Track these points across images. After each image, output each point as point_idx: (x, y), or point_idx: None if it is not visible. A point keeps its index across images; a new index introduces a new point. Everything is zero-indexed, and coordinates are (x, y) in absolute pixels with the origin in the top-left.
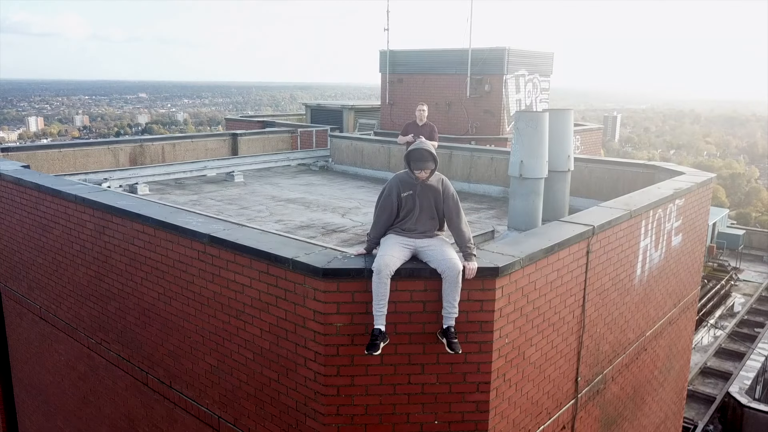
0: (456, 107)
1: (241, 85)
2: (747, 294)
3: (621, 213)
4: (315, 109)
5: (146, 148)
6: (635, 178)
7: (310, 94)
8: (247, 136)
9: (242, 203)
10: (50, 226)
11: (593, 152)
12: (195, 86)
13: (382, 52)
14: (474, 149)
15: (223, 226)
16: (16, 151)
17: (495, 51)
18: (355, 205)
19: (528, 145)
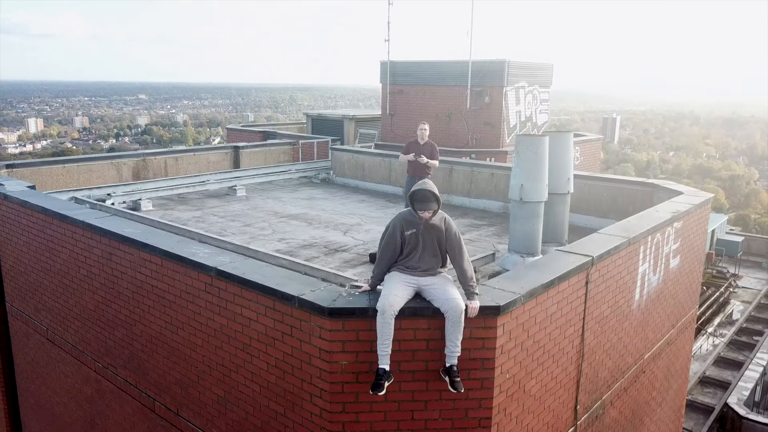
0: (456, 119)
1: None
2: (746, 301)
3: (620, 241)
4: (316, 119)
5: (149, 162)
6: (634, 196)
7: (310, 95)
8: (249, 149)
9: (245, 219)
10: (57, 249)
11: (592, 163)
12: (195, 87)
13: (383, 63)
14: (474, 164)
15: (229, 258)
16: (21, 167)
17: (495, 63)
18: (356, 222)
19: (528, 169)
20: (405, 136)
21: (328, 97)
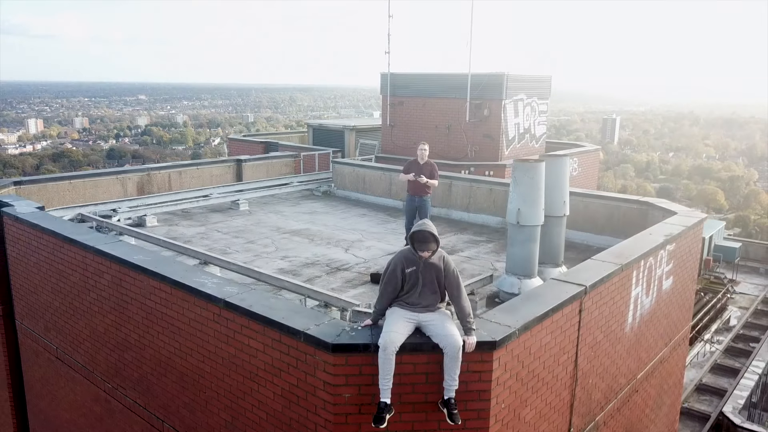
0: (455, 131)
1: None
2: (743, 307)
3: (613, 268)
4: (317, 129)
5: (153, 177)
6: (629, 213)
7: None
8: (251, 162)
9: (248, 236)
10: (67, 272)
11: (591, 174)
12: (194, 88)
13: (383, 75)
14: (473, 180)
15: (237, 289)
16: (28, 184)
17: (494, 77)
18: (357, 238)
19: (525, 193)
20: (405, 147)
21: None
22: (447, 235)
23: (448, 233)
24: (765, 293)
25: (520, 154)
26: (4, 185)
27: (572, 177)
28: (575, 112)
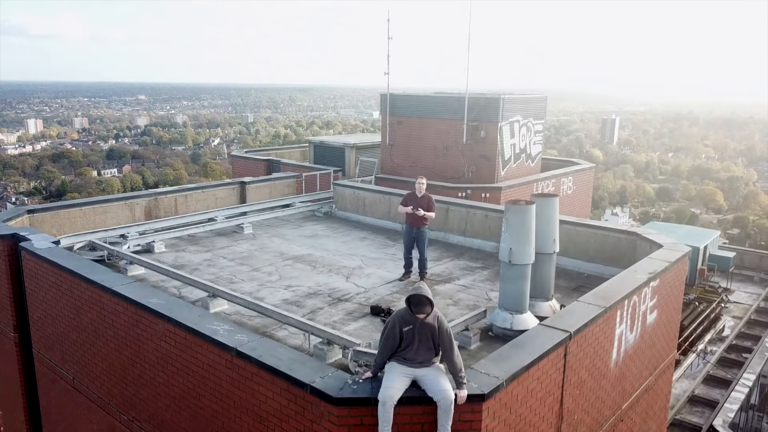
0: (453, 151)
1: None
2: (737, 317)
3: (597, 311)
4: (318, 146)
5: (160, 201)
6: (618, 243)
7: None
8: (255, 184)
9: (253, 262)
10: (84, 309)
11: (585, 192)
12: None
13: (383, 95)
14: (470, 205)
15: (247, 338)
16: (41, 212)
17: (490, 99)
18: (357, 264)
19: (516, 234)
20: (404, 166)
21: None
22: (444, 261)
23: (445, 258)
24: (758, 303)
25: (516, 175)
26: (19, 214)
27: (567, 195)
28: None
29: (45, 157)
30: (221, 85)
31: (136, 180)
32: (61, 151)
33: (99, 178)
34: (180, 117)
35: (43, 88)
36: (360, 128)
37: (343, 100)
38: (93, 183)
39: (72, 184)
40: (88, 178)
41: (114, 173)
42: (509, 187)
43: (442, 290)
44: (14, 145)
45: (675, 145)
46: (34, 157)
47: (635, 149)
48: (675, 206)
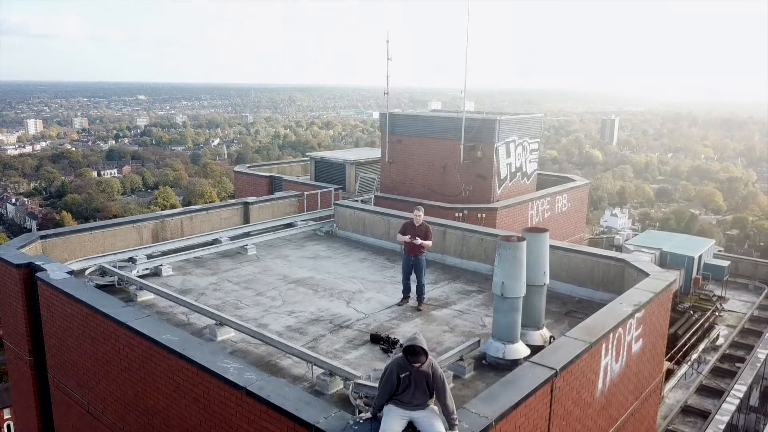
0: (450, 169)
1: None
2: (731, 325)
3: (583, 347)
4: (319, 162)
5: (167, 223)
6: (608, 269)
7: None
8: (258, 204)
9: (257, 286)
10: (99, 340)
11: (579, 208)
12: (194, 88)
13: (382, 114)
14: (466, 229)
15: (256, 376)
16: (54, 237)
17: (487, 121)
18: (358, 288)
19: (508, 269)
20: (403, 182)
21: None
22: (441, 284)
23: (442, 281)
24: (752, 311)
25: (512, 193)
26: (32, 240)
27: (562, 212)
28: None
29: (45, 158)
30: (221, 85)
31: (136, 180)
32: (61, 151)
33: (99, 178)
34: (180, 117)
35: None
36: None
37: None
38: (93, 184)
39: (72, 184)
40: (88, 179)
41: (114, 174)
42: (505, 207)
43: (439, 316)
44: (14, 146)
45: (674, 145)
46: (34, 158)
47: (635, 149)
48: (674, 207)
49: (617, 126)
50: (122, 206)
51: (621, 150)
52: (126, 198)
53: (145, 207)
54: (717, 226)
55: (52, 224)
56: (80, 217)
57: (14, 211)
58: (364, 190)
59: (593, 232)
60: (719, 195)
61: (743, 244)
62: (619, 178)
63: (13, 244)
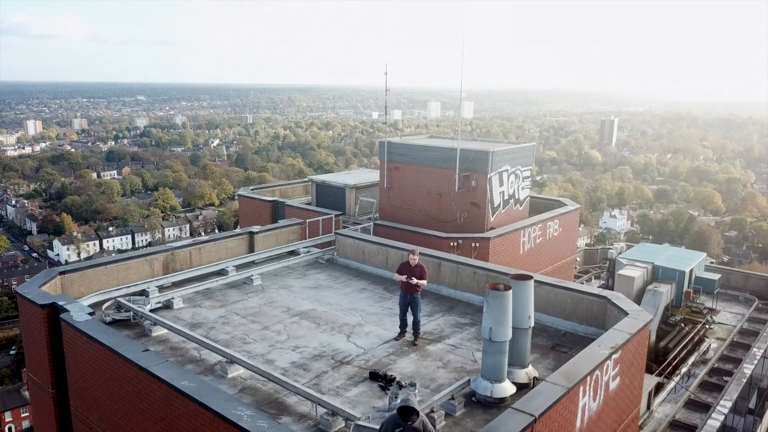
0: (446, 197)
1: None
2: (720, 338)
3: (561, 392)
4: (320, 185)
5: (176, 255)
6: (591, 304)
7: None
8: (262, 233)
9: (263, 320)
10: (121, 381)
11: (571, 233)
12: (193, 88)
13: (381, 143)
14: (460, 262)
15: (267, 424)
16: (71, 272)
17: (480, 153)
18: (357, 321)
19: (495, 315)
20: (401, 208)
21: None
22: (436, 316)
23: (437, 314)
24: (741, 324)
25: (505, 220)
26: (52, 276)
27: (553, 237)
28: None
29: (44, 159)
30: (220, 86)
31: (136, 182)
32: (61, 152)
33: (99, 180)
34: (179, 118)
35: (42, 88)
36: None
37: (342, 101)
38: (93, 185)
39: (72, 186)
40: (88, 181)
41: (114, 175)
42: (498, 236)
43: (434, 351)
44: (14, 147)
45: (673, 146)
46: (34, 159)
47: (634, 150)
48: (673, 208)
49: (616, 126)
50: (122, 208)
51: (620, 151)
52: (126, 200)
53: (145, 208)
54: (715, 228)
55: (52, 226)
56: (80, 219)
57: (14, 213)
58: (363, 213)
59: (592, 234)
60: (718, 196)
61: (742, 245)
62: (618, 179)
63: (35, 281)
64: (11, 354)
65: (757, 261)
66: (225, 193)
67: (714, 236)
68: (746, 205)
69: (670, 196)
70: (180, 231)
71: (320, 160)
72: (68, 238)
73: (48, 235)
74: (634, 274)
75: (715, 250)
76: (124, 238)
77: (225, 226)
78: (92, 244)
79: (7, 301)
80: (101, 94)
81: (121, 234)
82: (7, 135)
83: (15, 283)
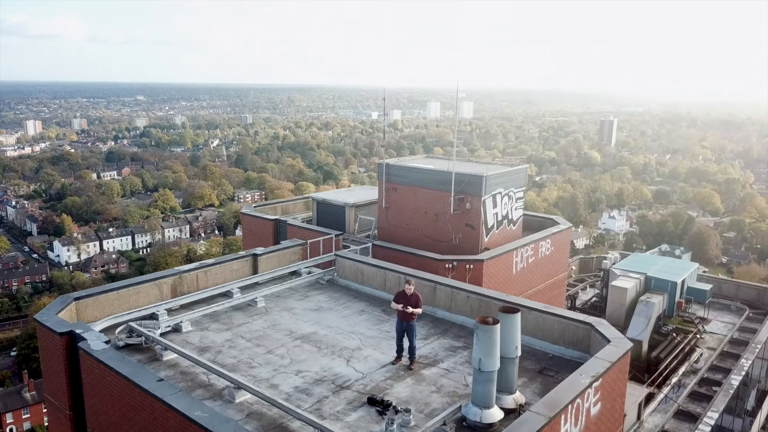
0: (442, 218)
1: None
2: (711, 347)
3: (543, 422)
4: (321, 203)
5: (184, 279)
6: (577, 330)
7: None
8: (266, 255)
9: (267, 343)
10: (138, 408)
11: (562, 252)
12: (193, 88)
13: (379, 164)
14: (454, 286)
15: None
16: (86, 298)
17: (474, 177)
18: (357, 345)
19: (485, 347)
20: (398, 227)
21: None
22: (431, 339)
23: (432, 336)
24: (731, 334)
25: (499, 240)
26: (68, 303)
27: (545, 256)
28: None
29: (44, 160)
30: (220, 86)
31: (136, 183)
32: (61, 153)
33: (99, 181)
34: (179, 118)
35: (42, 88)
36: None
37: (341, 101)
38: (93, 186)
39: (72, 187)
40: (88, 181)
41: (113, 176)
42: (491, 258)
43: (428, 375)
44: (13, 147)
45: (673, 146)
46: (34, 160)
47: (633, 151)
48: (672, 209)
49: (616, 127)
50: (122, 209)
51: (619, 151)
52: (126, 200)
53: (145, 209)
54: (714, 229)
55: (52, 227)
56: (80, 220)
57: (14, 214)
58: (362, 231)
59: (590, 235)
60: (717, 197)
61: (740, 246)
62: (617, 180)
63: (52, 308)
64: (12, 355)
65: (755, 262)
66: (225, 193)
67: (713, 237)
68: (745, 206)
69: (669, 197)
70: (180, 232)
71: (320, 160)
72: (68, 239)
73: (48, 236)
74: (627, 285)
75: (713, 251)
76: (124, 239)
77: (225, 228)
78: (92, 245)
79: (8, 303)
80: (101, 94)
81: (121, 235)
82: (6, 135)
83: (15, 284)
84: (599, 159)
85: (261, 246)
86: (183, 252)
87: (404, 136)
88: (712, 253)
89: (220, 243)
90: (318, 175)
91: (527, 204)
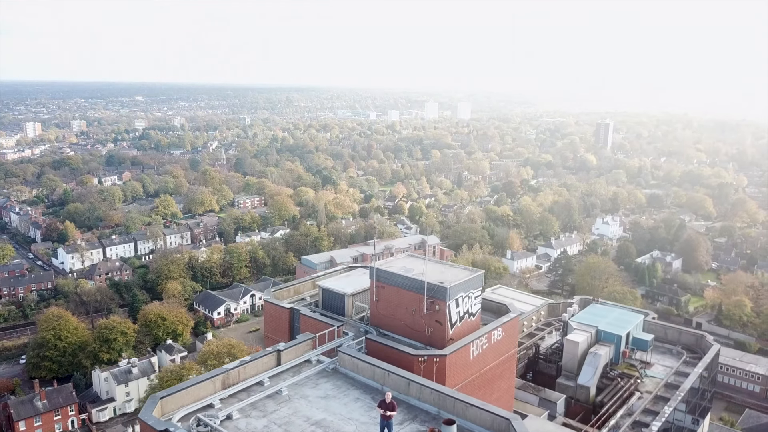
0: (418, 313)
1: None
2: (648, 391)
3: None
4: (326, 291)
5: (231, 374)
6: (501, 423)
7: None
8: (287, 350)
9: (292, 429)
10: None
11: (512, 335)
12: (191, 88)
13: (371, 268)
14: (422, 383)
15: None
16: (166, 397)
17: (440, 287)
18: (353, 430)
19: None
20: (386, 316)
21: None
22: (405, 424)
23: (406, 422)
24: (667, 378)
25: (461, 331)
26: (156, 401)
27: (497, 341)
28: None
29: (45, 164)
30: (219, 86)
31: (137, 188)
32: (62, 157)
33: (100, 186)
34: (178, 119)
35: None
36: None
37: (339, 101)
38: (95, 192)
39: (74, 192)
40: (90, 187)
41: (114, 180)
42: (452, 351)
43: None
44: (13, 149)
45: (668, 149)
46: (35, 164)
47: (628, 154)
48: (665, 213)
49: (611, 129)
50: (124, 215)
51: (615, 154)
52: (127, 206)
53: (147, 215)
54: (705, 234)
55: (55, 233)
56: (83, 226)
57: (18, 221)
58: (358, 314)
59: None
60: (709, 201)
61: (730, 252)
62: (612, 183)
63: (149, 407)
64: (21, 363)
65: (741, 269)
66: (225, 199)
67: (703, 244)
68: (737, 211)
69: (662, 201)
70: (182, 239)
71: (318, 163)
72: (72, 247)
73: (52, 242)
74: (579, 339)
75: (703, 257)
76: (127, 245)
77: (225, 234)
78: (96, 252)
79: (15, 310)
80: (99, 94)
81: (123, 242)
82: (6, 137)
83: (22, 292)
84: (595, 162)
85: (280, 329)
86: (185, 259)
87: (402, 138)
88: (702, 260)
89: (221, 250)
90: (317, 179)
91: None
